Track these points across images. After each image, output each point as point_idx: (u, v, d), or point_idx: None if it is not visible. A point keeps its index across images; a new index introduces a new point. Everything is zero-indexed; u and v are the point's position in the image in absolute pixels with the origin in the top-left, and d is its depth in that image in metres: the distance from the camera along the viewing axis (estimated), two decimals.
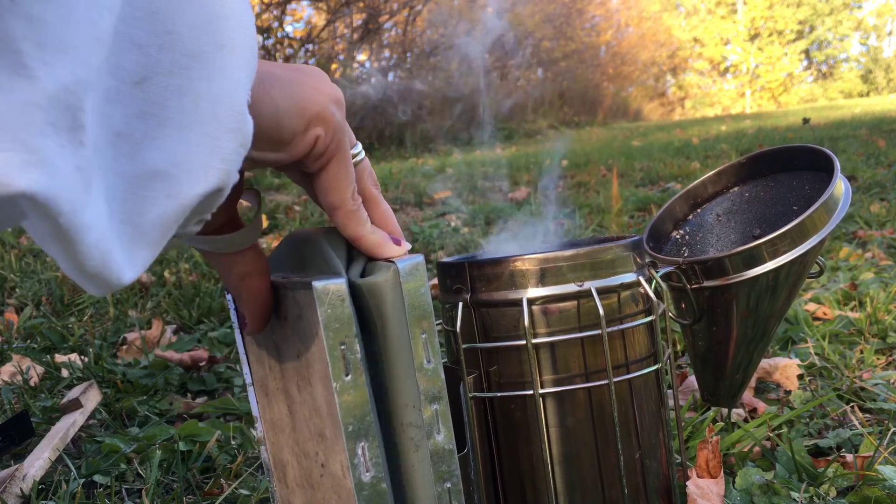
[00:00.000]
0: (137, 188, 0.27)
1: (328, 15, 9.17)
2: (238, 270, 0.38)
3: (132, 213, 0.27)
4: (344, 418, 0.36)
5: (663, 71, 20.31)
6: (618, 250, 0.56)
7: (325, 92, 0.36)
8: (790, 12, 24.11)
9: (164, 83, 0.26)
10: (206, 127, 0.28)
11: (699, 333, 0.74)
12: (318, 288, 0.35)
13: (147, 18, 0.26)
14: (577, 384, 0.55)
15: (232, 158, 0.29)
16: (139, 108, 0.26)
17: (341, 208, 0.38)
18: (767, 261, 0.66)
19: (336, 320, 0.36)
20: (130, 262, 0.27)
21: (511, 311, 0.55)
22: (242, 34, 0.29)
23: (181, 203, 0.28)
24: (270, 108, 0.33)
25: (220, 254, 0.37)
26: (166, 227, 0.28)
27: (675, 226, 0.81)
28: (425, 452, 0.40)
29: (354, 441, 0.36)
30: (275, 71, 0.34)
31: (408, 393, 0.40)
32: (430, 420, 0.40)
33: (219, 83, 0.28)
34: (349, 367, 0.36)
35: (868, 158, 3.46)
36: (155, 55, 0.26)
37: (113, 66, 0.25)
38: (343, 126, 0.37)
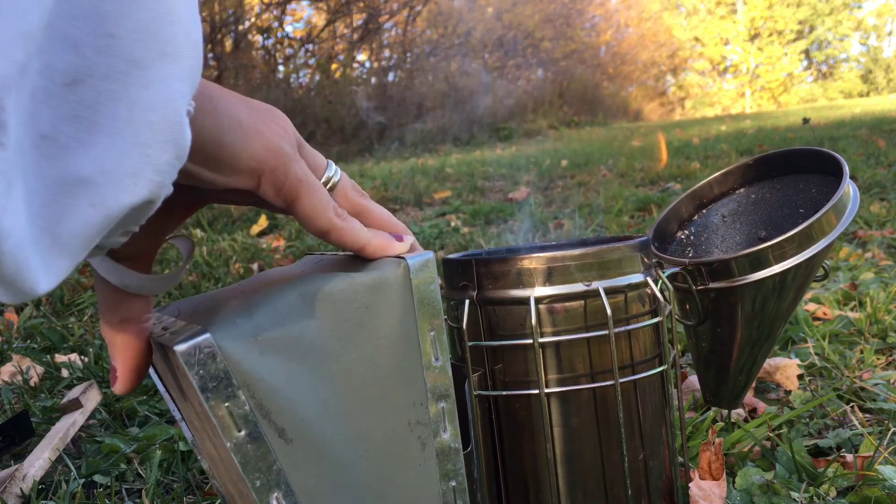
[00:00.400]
0: (60, 195, 0.25)
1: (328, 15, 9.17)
2: (123, 314, 0.36)
3: (52, 220, 0.25)
4: (248, 475, 0.35)
5: (663, 71, 20.30)
6: (626, 250, 0.56)
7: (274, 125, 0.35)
8: (790, 12, 24.12)
9: (99, 87, 0.25)
10: (140, 136, 0.26)
11: (703, 335, 0.74)
12: (181, 350, 0.33)
13: (87, 18, 0.25)
14: (583, 384, 0.55)
15: (165, 170, 0.27)
16: (69, 111, 0.25)
17: (331, 230, 0.38)
18: (774, 264, 0.66)
19: (211, 380, 0.33)
20: (47, 271, 0.25)
21: (518, 309, 0.55)
22: (187, 44, 0.28)
23: (106, 213, 0.26)
24: (214, 123, 0.32)
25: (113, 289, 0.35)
26: (88, 237, 0.26)
27: (681, 226, 0.81)
28: (431, 450, 0.40)
29: (267, 494, 0.35)
30: (226, 94, 0.33)
31: (415, 390, 0.39)
32: (437, 418, 0.40)
33: (157, 92, 0.26)
34: (240, 423, 0.34)
35: (868, 158, 3.47)
36: (92, 57, 0.25)
37: (43, 65, 0.24)
38: (294, 159, 0.36)
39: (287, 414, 0.36)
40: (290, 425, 0.36)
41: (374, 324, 0.39)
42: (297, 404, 0.37)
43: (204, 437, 0.41)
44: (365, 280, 0.39)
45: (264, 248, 2.38)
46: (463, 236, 2.45)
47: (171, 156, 0.27)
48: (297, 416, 0.37)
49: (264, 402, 0.35)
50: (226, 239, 2.46)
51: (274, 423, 0.36)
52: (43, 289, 0.25)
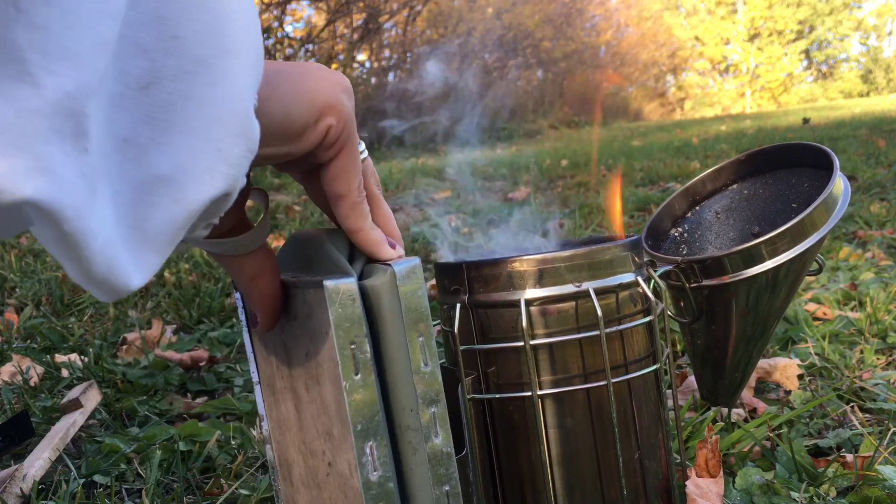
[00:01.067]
0: (144, 193, 0.27)
1: (328, 15, 9.17)
2: (248, 271, 0.38)
3: (139, 218, 0.27)
4: (353, 417, 0.36)
5: (663, 71, 20.31)
6: (616, 250, 0.56)
7: (333, 81, 0.36)
8: (790, 12, 24.11)
9: (170, 88, 0.26)
10: (212, 132, 0.28)
11: (698, 332, 0.74)
12: (330, 287, 0.36)
13: (153, 23, 0.26)
14: (576, 385, 0.55)
15: (238, 163, 0.29)
16: (145, 114, 0.26)
17: (347, 198, 0.38)
18: (767, 259, 0.66)
19: (347, 320, 0.36)
20: (137, 267, 0.27)
21: (509, 312, 0.55)
22: (248, 39, 0.29)
23: (188, 208, 0.28)
24: (279, 105, 0.33)
25: (230, 255, 0.37)
26: (174, 232, 0.28)
27: (674, 223, 0.81)
28: (423, 455, 0.40)
29: (363, 440, 0.37)
30: (280, 67, 0.34)
31: (405, 396, 0.40)
32: (428, 423, 0.40)
33: (224, 88, 0.28)
34: (359, 367, 0.36)
35: (868, 158, 3.47)
36: (161, 60, 0.26)
37: (118, 72, 0.25)
38: (352, 115, 0.37)
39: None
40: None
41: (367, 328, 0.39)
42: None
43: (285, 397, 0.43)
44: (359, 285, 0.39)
45: None
46: (463, 236, 2.44)
47: (243, 149, 0.29)
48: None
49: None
50: None
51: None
52: (136, 284, 0.27)
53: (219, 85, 0.28)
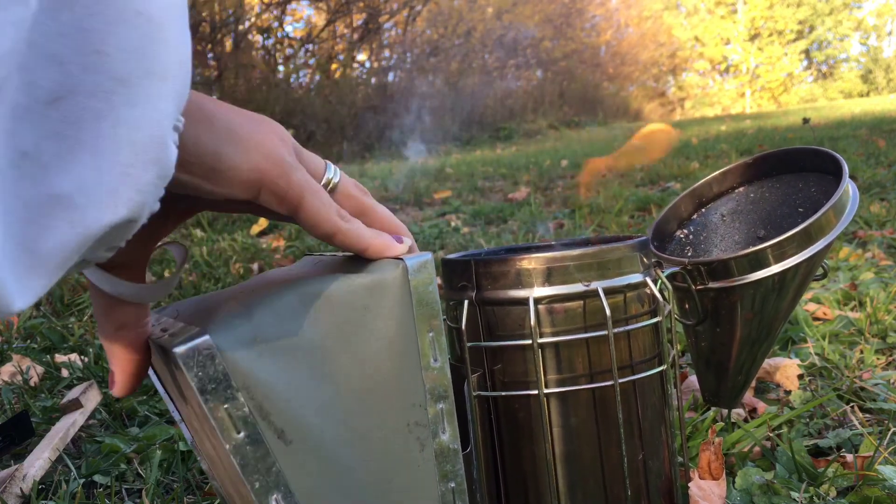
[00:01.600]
0: (39, 213, 0.25)
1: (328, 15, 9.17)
2: (121, 318, 0.36)
3: (29, 239, 0.25)
4: (247, 477, 0.35)
5: (663, 71, 20.31)
6: (625, 250, 0.56)
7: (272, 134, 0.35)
8: (790, 12, 24.11)
9: (83, 104, 0.25)
10: (121, 154, 0.26)
11: (702, 334, 0.74)
12: (179, 353, 0.32)
13: (74, 34, 0.24)
14: (582, 384, 0.55)
15: (147, 190, 0.27)
16: (51, 129, 0.25)
17: (336, 233, 0.38)
18: (773, 264, 0.66)
19: (210, 381, 0.33)
20: (21, 291, 0.25)
21: (517, 309, 0.55)
22: (176, 63, 0.27)
23: (84, 233, 0.26)
24: (210, 135, 0.32)
25: (109, 296, 0.35)
26: (66, 255, 0.26)
27: (680, 225, 0.81)
28: (430, 451, 0.40)
29: (266, 495, 0.35)
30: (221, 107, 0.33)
31: (414, 391, 0.39)
32: (436, 419, 0.40)
33: (142, 111, 0.26)
34: (239, 425, 0.34)
35: (868, 158, 3.47)
36: (77, 74, 0.25)
37: (25, 83, 0.24)
38: (295, 166, 0.36)
39: (286, 415, 0.36)
40: (289, 427, 0.36)
41: (372, 325, 0.39)
42: (297, 406, 0.37)
43: (203, 439, 0.41)
44: (363, 281, 0.39)
45: (264, 248, 2.38)
46: (463, 236, 2.45)
47: (154, 175, 0.27)
48: (296, 417, 0.37)
49: (263, 403, 0.35)
50: (226, 239, 2.46)
51: (273, 424, 0.36)
52: (17, 307, 0.25)
53: (137, 106, 0.26)
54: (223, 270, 1.96)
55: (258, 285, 0.40)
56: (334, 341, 0.38)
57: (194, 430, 0.44)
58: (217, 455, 0.39)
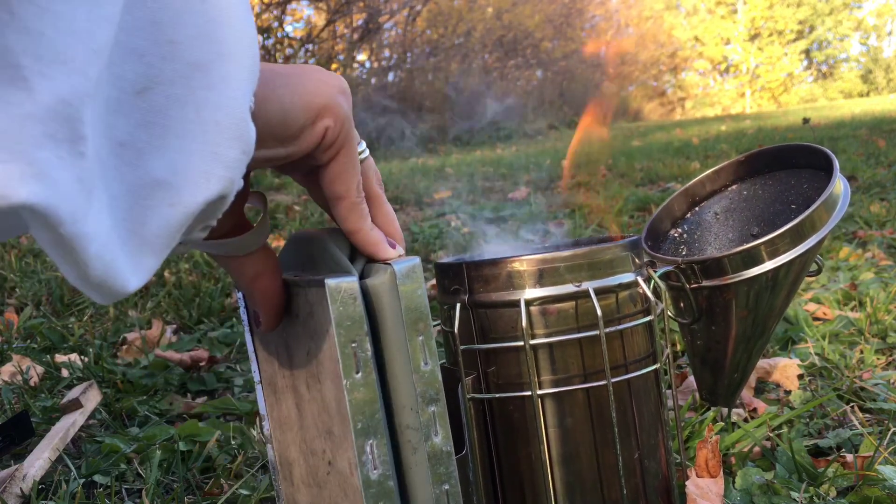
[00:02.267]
0: (140, 197, 0.27)
1: (328, 15, 9.17)
2: (249, 271, 0.38)
3: (136, 221, 0.27)
4: (353, 416, 0.36)
5: (663, 71, 20.30)
6: (616, 250, 0.56)
7: (330, 83, 0.36)
8: (790, 12, 24.11)
9: (166, 92, 0.27)
10: (208, 135, 0.28)
11: (698, 332, 0.74)
12: (331, 286, 0.36)
13: (148, 28, 0.26)
14: (576, 385, 0.55)
15: (234, 166, 0.29)
16: (141, 118, 0.26)
17: (346, 199, 0.38)
18: (767, 260, 0.66)
19: (348, 318, 0.36)
20: (135, 270, 0.27)
21: (509, 311, 0.55)
22: (243, 43, 0.29)
23: (184, 211, 0.28)
24: (277, 106, 0.33)
25: (230, 256, 0.37)
26: (170, 235, 0.28)
27: (674, 224, 0.81)
28: (423, 454, 0.40)
29: (363, 438, 0.37)
30: (277, 69, 0.35)
31: (405, 395, 0.40)
32: (428, 422, 0.40)
33: (220, 92, 0.28)
34: (359, 365, 0.36)
35: (868, 158, 3.46)
36: (157, 65, 0.26)
37: (114, 76, 0.25)
38: (350, 116, 0.37)
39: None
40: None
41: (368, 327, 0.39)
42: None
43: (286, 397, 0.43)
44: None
45: None
46: (463, 236, 2.45)
47: (239, 151, 0.29)
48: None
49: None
50: None
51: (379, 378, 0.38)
52: (133, 286, 0.27)
53: (215, 89, 0.28)
54: (223, 270, 1.96)
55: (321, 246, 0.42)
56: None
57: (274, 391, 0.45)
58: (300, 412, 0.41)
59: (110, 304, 0.34)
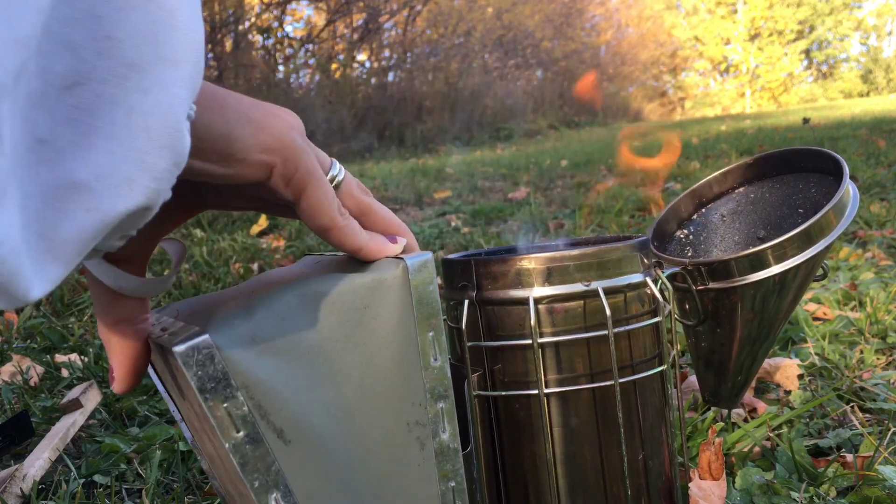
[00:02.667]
0: (55, 200, 0.25)
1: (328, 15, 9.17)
2: (118, 314, 0.36)
3: (47, 225, 0.25)
4: (246, 476, 0.35)
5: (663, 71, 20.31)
6: (625, 250, 0.56)
7: (284, 118, 0.35)
8: (790, 12, 24.11)
9: (97, 91, 0.25)
10: (136, 141, 0.26)
11: (703, 334, 0.74)
12: (180, 352, 0.33)
13: (86, 21, 0.24)
14: (582, 384, 0.55)
15: (162, 177, 0.27)
16: (67, 115, 0.25)
17: (333, 228, 0.38)
18: (774, 264, 0.66)
19: (210, 380, 0.33)
20: (41, 277, 0.25)
21: (517, 309, 0.55)
22: (188, 49, 0.27)
23: (101, 219, 0.26)
24: (222, 122, 0.32)
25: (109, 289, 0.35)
26: (83, 242, 0.26)
27: (680, 225, 0.81)
28: (430, 451, 0.40)
29: (265, 494, 0.35)
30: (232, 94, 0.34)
31: (414, 391, 0.39)
32: (436, 418, 0.40)
33: (156, 97, 0.26)
34: (238, 424, 0.34)
35: (868, 158, 3.47)
36: (91, 60, 0.25)
37: (41, 68, 0.24)
38: (306, 150, 0.36)
39: (286, 414, 0.36)
40: (288, 426, 0.36)
41: (373, 324, 0.39)
42: (297, 405, 0.37)
43: (203, 438, 0.41)
44: (364, 281, 0.39)
45: (264, 248, 2.38)
46: (463, 236, 2.45)
47: (169, 162, 0.27)
48: (296, 416, 0.37)
49: (263, 402, 0.35)
50: (226, 239, 2.46)
51: (273, 423, 0.36)
52: (35, 295, 0.25)
53: (150, 93, 0.26)
54: (223, 270, 1.96)
55: (258, 285, 0.40)
56: (334, 341, 0.38)
57: (194, 429, 0.44)
58: (217, 454, 0.39)
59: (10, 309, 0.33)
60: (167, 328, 0.37)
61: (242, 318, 0.36)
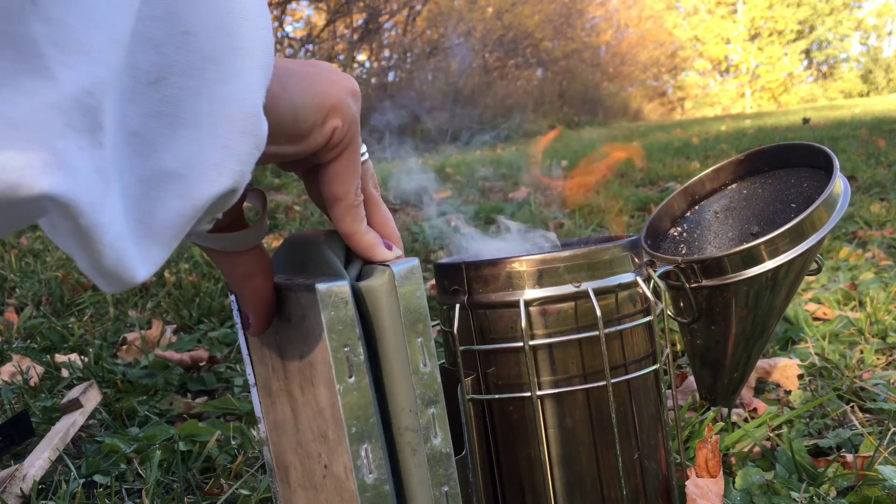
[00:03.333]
0: (151, 188, 0.27)
1: (328, 15, 9.17)
2: (242, 270, 0.38)
3: (146, 212, 0.27)
4: (347, 420, 0.36)
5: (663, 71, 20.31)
6: (615, 250, 0.56)
7: (341, 84, 0.36)
8: (790, 12, 24.11)
9: (180, 84, 0.27)
10: (220, 129, 0.28)
11: (697, 332, 0.74)
12: (322, 290, 0.35)
13: (165, 18, 0.26)
14: (576, 385, 0.55)
15: (245, 160, 0.29)
16: (154, 108, 0.26)
17: (343, 200, 0.38)
18: (766, 260, 0.66)
19: (339, 322, 0.36)
20: (144, 260, 0.27)
21: (508, 312, 0.55)
22: (259, 36, 0.29)
23: (194, 204, 0.28)
24: (288, 104, 0.33)
25: (226, 252, 0.37)
26: (179, 227, 0.28)
27: (673, 223, 0.81)
28: (422, 456, 0.40)
29: (358, 443, 0.36)
30: (290, 66, 0.35)
31: (404, 397, 0.39)
32: (427, 424, 0.40)
33: (233, 85, 0.28)
34: (352, 370, 0.36)
35: (868, 158, 3.46)
36: (171, 55, 0.26)
37: (130, 66, 0.25)
38: (357, 118, 0.37)
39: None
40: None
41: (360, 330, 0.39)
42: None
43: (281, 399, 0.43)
44: (355, 286, 0.39)
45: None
46: (463, 236, 2.44)
47: (251, 146, 0.29)
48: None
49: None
50: None
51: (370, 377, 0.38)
52: (141, 276, 0.27)
53: (228, 82, 0.28)
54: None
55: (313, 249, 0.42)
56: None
57: (269, 394, 0.45)
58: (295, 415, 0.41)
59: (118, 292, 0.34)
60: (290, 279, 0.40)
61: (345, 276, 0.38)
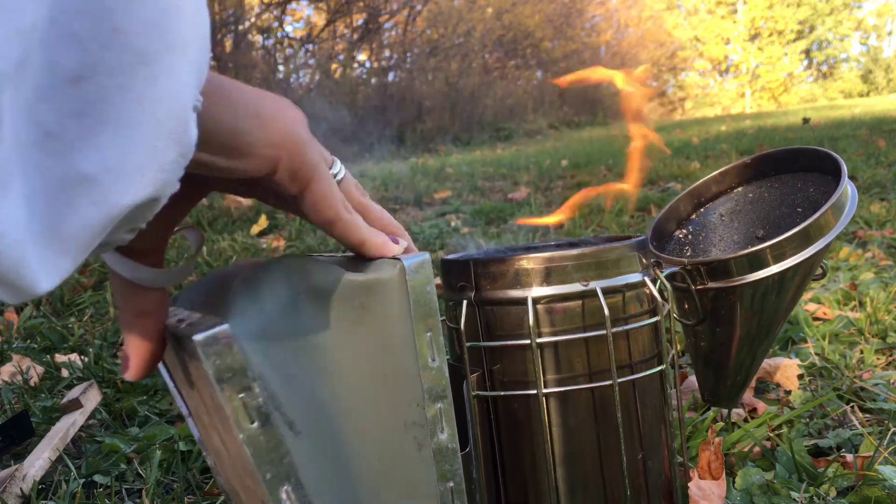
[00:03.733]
0: (62, 192, 0.25)
1: (328, 15, 9.17)
2: (139, 307, 0.36)
3: (54, 219, 0.24)
4: (259, 468, 0.34)
5: (663, 71, 20.31)
6: (623, 250, 0.56)
7: (289, 112, 0.35)
8: (790, 12, 24.12)
9: (104, 83, 0.25)
10: (145, 132, 0.26)
11: (702, 334, 0.74)
12: (199, 340, 0.33)
13: (92, 13, 0.24)
14: (581, 384, 0.55)
15: (170, 168, 0.27)
16: (74, 108, 0.24)
17: (338, 221, 0.37)
18: (773, 264, 0.66)
19: (227, 371, 0.33)
20: (48, 270, 0.25)
21: (515, 309, 0.55)
22: (195, 36, 0.27)
23: (108, 212, 0.26)
24: (229, 114, 0.32)
25: (132, 284, 0.35)
26: (90, 235, 0.26)
27: (679, 225, 0.81)
28: (428, 451, 0.40)
29: (277, 487, 0.35)
30: (238, 85, 0.33)
31: (412, 391, 0.39)
32: (434, 419, 0.40)
33: (163, 86, 0.26)
34: (253, 415, 0.34)
35: (868, 158, 3.46)
36: (97, 52, 0.24)
37: (48, 61, 0.23)
38: (310, 144, 0.36)
39: (293, 407, 0.36)
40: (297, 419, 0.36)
41: (370, 324, 0.39)
42: (301, 399, 0.37)
43: (212, 433, 0.41)
44: (361, 281, 0.39)
45: (264, 248, 2.38)
46: (463, 236, 2.45)
47: (176, 153, 0.27)
48: (302, 410, 0.37)
49: (275, 394, 0.36)
50: (226, 239, 2.46)
51: (285, 415, 0.36)
52: (43, 288, 0.25)
53: (159, 82, 0.26)
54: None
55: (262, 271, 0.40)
56: (332, 338, 0.38)
57: (202, 425, 0.44)
58: (225, 448, 0.39)
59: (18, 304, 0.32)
60: (184, 319, 0.37)
61: (256, 308, 0.36)
